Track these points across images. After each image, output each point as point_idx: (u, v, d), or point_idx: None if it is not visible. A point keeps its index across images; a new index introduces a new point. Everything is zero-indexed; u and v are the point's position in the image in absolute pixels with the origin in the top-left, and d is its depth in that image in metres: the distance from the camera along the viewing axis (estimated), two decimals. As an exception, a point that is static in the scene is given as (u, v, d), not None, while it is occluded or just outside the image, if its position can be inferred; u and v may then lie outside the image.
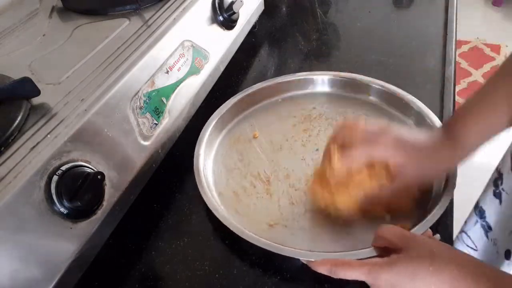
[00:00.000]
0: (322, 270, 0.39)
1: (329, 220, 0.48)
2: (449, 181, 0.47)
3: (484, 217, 0.58)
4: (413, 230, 0.43)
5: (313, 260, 0.41)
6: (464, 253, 0.34)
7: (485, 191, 0.58)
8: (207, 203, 0.49)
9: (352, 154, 0.43)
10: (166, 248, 0.48)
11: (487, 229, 0.58)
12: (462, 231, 0.64)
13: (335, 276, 0.38)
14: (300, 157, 0.57)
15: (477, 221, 0.60)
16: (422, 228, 0.43)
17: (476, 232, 0.61)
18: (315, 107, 0.64)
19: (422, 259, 0.34)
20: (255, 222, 0.49)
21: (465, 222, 0.63)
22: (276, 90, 0.66)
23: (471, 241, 0.62)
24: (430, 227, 0.44)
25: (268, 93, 0.66)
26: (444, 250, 0.35)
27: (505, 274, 0.33)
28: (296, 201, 0.51)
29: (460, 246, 0.65)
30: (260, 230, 0.48)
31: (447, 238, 0.45)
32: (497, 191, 0.55)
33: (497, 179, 0.56)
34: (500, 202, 0.55)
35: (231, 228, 0.45)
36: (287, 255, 0.43)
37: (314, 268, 0.40)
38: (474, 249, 0.63)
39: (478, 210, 0.60)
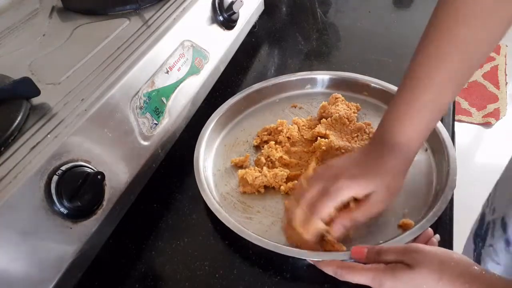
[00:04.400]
0: (328, 270, 0.39)
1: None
2: (449, 181, 0.47)
3: (506, 232, 0.58)
4: (412, 230, 0.43)
5: (320, 260, 0.41)
6: (474, 265, 0.34)
7: (509, 206, 0.57)
8: (209, 205, 0.49)
9: (319, 210, 0.41)
10: (166, 248, 0.48)
11: (508, 243, 0.58)
12: (490, 245, 0.63)
13: (340, 278, 0.38)
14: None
15: (501, 235, 0.60)
16: (422, 228, 0.43)
17: (500, 246, 0.60)
18: (316, 106, 0.64)
19: (431, 271, 0.33)
20: (257, 223, 0.49)
21: (493, 235, 0.62)
22: (275, 90, 0.66)
23: (497, 256, 0.61)
24: (430, 227, 0.44)
25: (268, 93, 0.66)
26: (454, 263, 0.34)
27: None
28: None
29: (489, 262, 0.64)
30: (262, 231, 0.48)
31: (447, 238, 0.45)
32: None
33: None
34: None
35: (237, 232, 0.45)
36: (293, 255, 0.43)
37: (320, 268, 0.40)
38: (498, 264, 0.62)
39: (503, 224, 0.59)
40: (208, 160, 0.57)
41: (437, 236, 0.44)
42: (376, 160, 0.42)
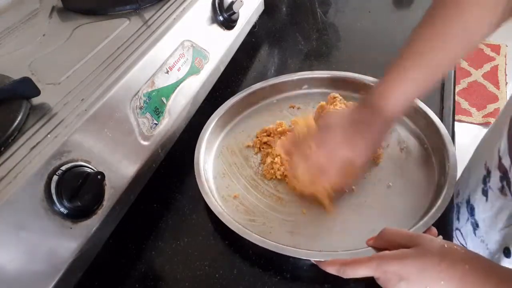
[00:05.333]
0: (331, 270, 0.39)
1: (331, 218, 0.49)
2: (450, 178, 0.48)
3: (474, 215, 0.59)
4: (413, 229, 0.43)
5: (322, 260, 0.41)
6: (475, 252, 0.35)
7: (475, 189, 0.58)
8: (211, 208, 0.48)
9: (329, 175, 0.47)
10: (166, 248, 0.48)
11: (475, 226, 0.58)
12: (456, 228, 0.64)
13: (344, 276, 0.38)
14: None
15: (468, 218, 0.60)
16: (423, 227, 0.43)
17: (466, 229, 0.61)
18: (313, 106, 0.64)
19: (433, 254, 0.34)
20: (260, 224, 0.49)
21: (458, 219, 0.63)
22: (273, 91, 0.66)
23: (463, 238, 0.62)
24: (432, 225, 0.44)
25: (266, 94, 0.66)
26: (455, 247, 0.35)
27: None
28: (298, 201, 0.51)
29: None
30: (266, 233, 0.47)
31: (447, 237, 0.45)
32: (485, 188, 0.55)
33: (485, 176, 0.56)
34: (487, 199, 0.55)
35: (242, 235, 0.45)
36: (299, 256, 0.43)
37: (323, 268, 0.40)
38: (464, 246, 0.63)
39: (470, 207, 0.60)
40: (208, 162, 0.57)
41: (440, 237, 0.44)
42: (363, 123, 0.47)
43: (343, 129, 0.48)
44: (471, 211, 0.59)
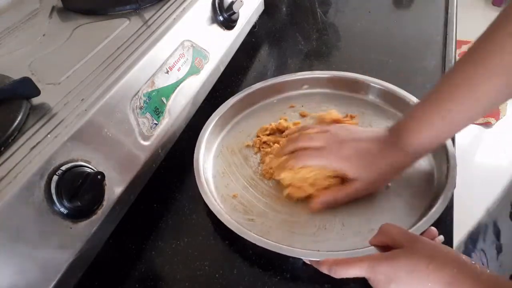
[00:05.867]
0: (323, 269, 0.39)
1: (331, 218, 0.48)
2: (449, 179, 0.47)
3: (499, 239, 0.57)
4: (413, 229, 0.43)
5: (318, 259, 0.41)
6: (466, 257, 0.34)
7: (502, 211, 0.57)
8: (210, 207, 0.48)
9: (307, 162, 0.48)
10: (166, 248, 0.48)
11: (499, 250, 0.57)
12: (481, 249, 0.63)
13: (336, 276, 0.38)
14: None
15: (493, 241, 0.59)
16: (422, 227, 0.43)
17: (491, 252, 0.60)
18: (314, 107, 0.64)
19: (422, 256, 0.34)
20: (259, 224, 0.49)
21: (484, 240, 0.62)
22: (273, 90, 0.66)
23: (486, 261, 0.61)
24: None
25: (266, 94, 0.66)
26: (446, 251, 0.35)
27: (506, 281, 0.32)
28: (297, 200, 0.51)
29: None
30: (264, 232, 0.47)
31: (447, 237, 0.45)
32: None
33: None
34: None
35: (240, 234, 0.45)
36: (297, 256, 0.43)
37: (317, 267, 0.40)
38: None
39: (496, 230, 0.59)
40: (208, 161, 0.57)
41: (441, 237, 0.44)
42: (380, 152, 0.46)
43: (356, 141, 0.46)
44: (497, 234, 0.58)
